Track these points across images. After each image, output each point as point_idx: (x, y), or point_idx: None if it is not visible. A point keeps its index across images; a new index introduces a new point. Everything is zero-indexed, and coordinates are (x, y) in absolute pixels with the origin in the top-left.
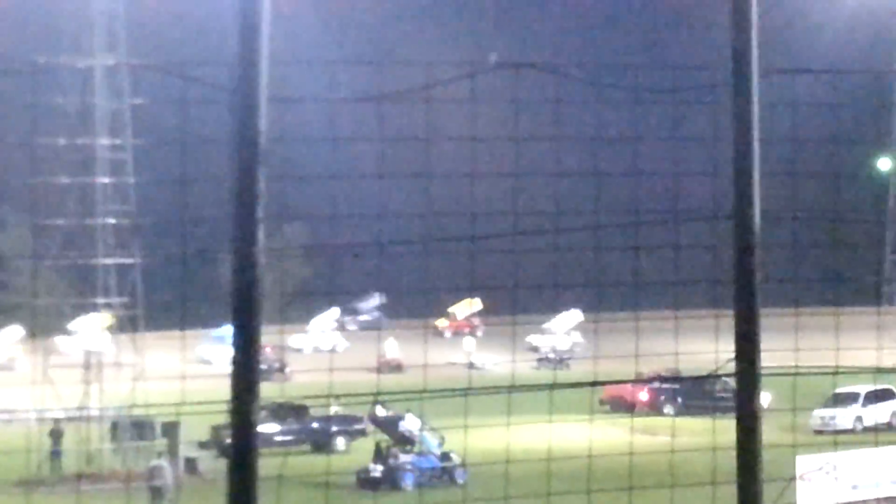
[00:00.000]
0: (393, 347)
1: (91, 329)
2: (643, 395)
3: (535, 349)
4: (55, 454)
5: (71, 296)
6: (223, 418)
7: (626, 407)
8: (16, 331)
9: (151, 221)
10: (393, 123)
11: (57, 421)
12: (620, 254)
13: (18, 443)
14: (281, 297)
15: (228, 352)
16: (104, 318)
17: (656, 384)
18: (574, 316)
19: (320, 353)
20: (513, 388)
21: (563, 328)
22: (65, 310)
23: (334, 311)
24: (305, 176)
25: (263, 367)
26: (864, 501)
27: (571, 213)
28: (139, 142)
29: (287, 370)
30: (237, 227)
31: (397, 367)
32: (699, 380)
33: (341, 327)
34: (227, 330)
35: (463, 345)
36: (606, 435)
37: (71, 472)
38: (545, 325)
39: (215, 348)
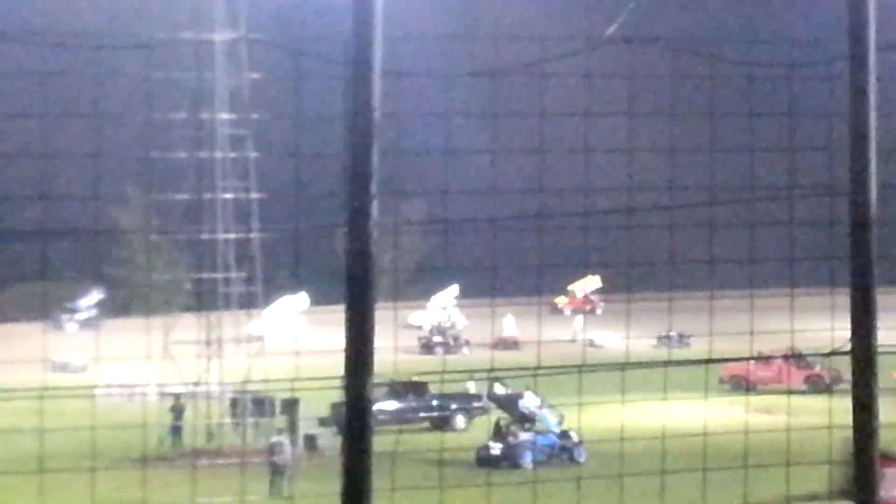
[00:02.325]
0: (510, 325)
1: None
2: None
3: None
4: (175, 430)
5: (190, 271)
6: None
7: (745, 386)
8: None
9: (267, 197)
10: (507, 98)
11: (178, 396)
12: (733, 230)
13: (140, 419)
14: (396, 272)
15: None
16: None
17: (777, 362)
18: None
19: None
20: (627, 366)
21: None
22: (184, 285)
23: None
24: (419, 151)
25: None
26: None
27: (684, 189)
28: (257, 117)
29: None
30: (351, 202)
31: (514, 345)
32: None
33: (60, 326)
34: None
35: (576, 323)
36: (725, 414)
37: (191, 448)
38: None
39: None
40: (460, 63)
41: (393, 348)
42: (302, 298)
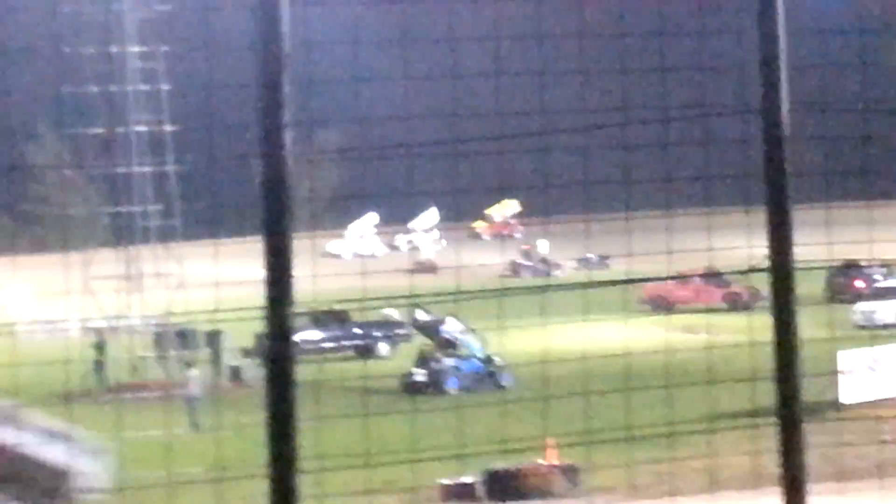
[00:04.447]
0: (428, 249)
1: None
2: None
3: None
4: (98, 365)
5: (106, 205)
6: None
7: (665, 306)
8: None
9: (181, 129)
10: (416, 25)
11: (100, 332)
12: (649, 151)
13: (62, 354)
14: (310, 202)
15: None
16: None
17: (696, 280)
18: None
19: (359, 258)
20: (548, 289)
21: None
22: (101, 220)
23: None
24: (332, 80)
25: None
26: None
27: (599, 111)
28: (167, 49)
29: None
30: (263, 133)
31: (431, 269)
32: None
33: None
34: None
35: (505, 246)
36: (646, 334)
37: (114, 382)
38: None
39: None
40: None
41: (310, 275)
42: None
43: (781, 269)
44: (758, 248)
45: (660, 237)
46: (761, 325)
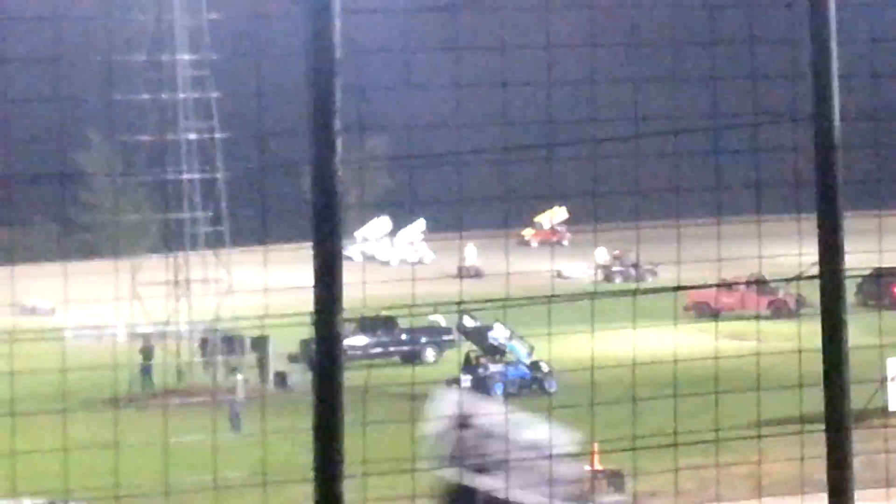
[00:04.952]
0: (472, 254)
1: None
2: None
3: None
4: (145, 370)
5: (156, 212)
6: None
7: (710, 313)
8: None
9: (231, 136)
10: (467, 32)
11: (147, 337)
12: (700, 159)
13: (109, 360)
14: (355, 208)
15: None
16: None
17: (742, 288)
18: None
19: (407, 265)
20: (595, 295)
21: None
22: (150, 227)
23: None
24: (383, 87)
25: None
26: None
27: (649, 118)
28: (217, 56)
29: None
30: (314, 139)
31: (476, 274)
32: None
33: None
34: None
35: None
36: (693, 341)
37: (161, 388)
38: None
39: None
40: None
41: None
42: None
43: (831, 276)
44: (806, 256)
45: (709, 245)
46: (808, 332)
